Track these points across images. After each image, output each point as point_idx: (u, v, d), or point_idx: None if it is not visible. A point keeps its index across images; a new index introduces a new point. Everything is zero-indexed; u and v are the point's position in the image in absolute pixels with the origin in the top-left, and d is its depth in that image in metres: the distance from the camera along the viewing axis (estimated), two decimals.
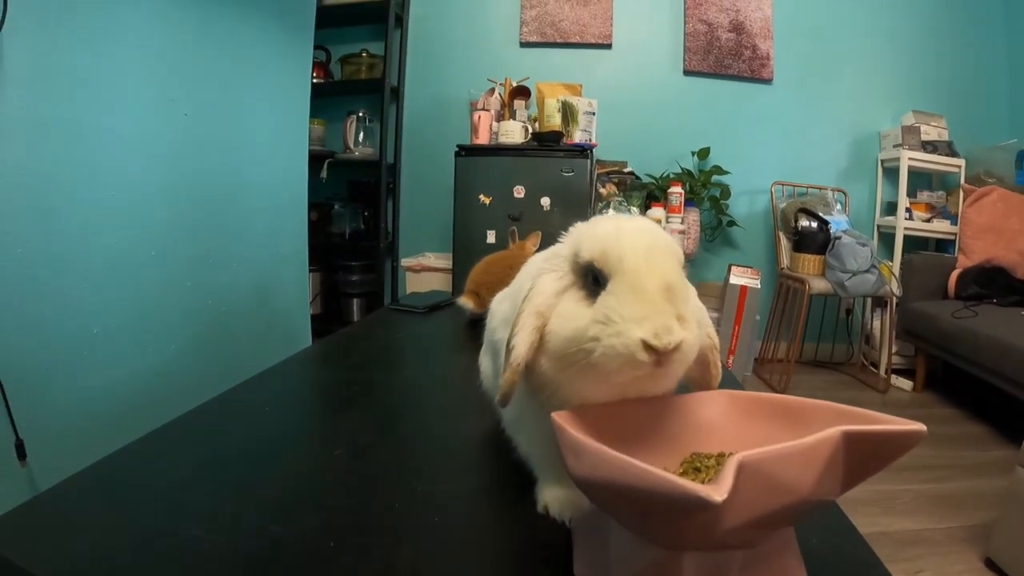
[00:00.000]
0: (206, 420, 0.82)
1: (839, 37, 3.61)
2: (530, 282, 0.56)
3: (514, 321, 0.54)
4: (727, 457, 0.39)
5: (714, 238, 3.58)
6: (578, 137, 3.12)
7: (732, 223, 3.50)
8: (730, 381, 0.89)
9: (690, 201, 3.29)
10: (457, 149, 3.00)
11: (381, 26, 3.46)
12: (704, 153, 3.50)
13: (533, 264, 0.65)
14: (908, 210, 3.37)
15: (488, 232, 2.95)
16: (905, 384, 3.15)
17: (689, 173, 3.42)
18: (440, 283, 3.21)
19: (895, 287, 3.08)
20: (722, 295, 3.11)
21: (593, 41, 3.60)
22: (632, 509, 0.39)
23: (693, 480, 0.44)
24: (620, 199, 3.19)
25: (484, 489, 0.67)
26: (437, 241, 3.67)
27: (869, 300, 3.42)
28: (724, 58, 3.57)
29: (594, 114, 3.19)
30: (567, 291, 0.53)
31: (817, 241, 3.12)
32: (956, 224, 3.24)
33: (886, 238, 3.53)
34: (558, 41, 3.62)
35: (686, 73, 3.62)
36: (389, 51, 3.41)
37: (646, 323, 0.46)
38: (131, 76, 1.44)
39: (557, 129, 3.04)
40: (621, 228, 0.51)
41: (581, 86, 3.34)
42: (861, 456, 0.39)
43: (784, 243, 3.39)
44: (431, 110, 3.71)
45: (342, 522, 0.57)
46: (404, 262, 3.40)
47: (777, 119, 3.63)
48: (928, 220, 3.38)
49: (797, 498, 0.37)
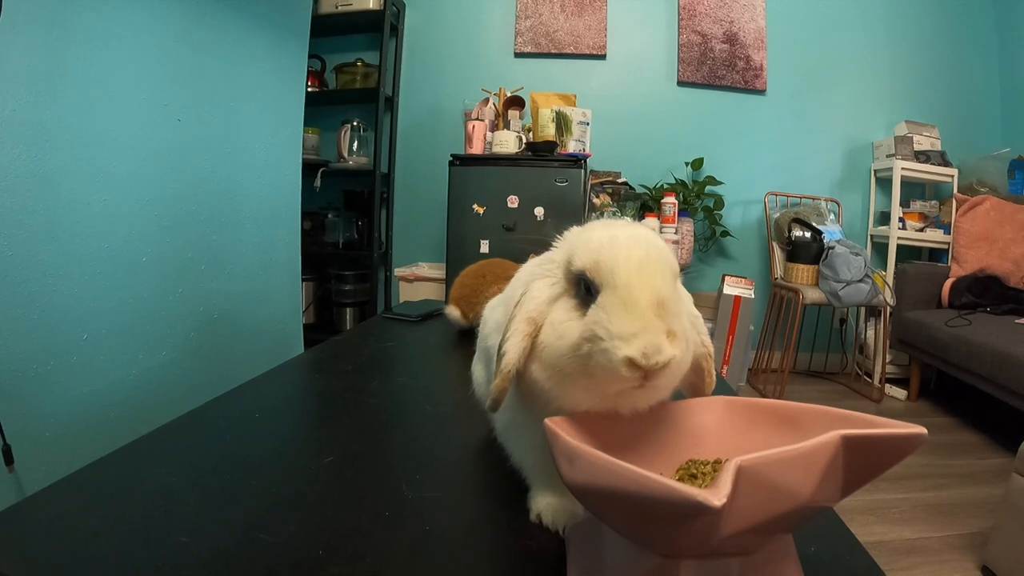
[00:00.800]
0: (196, 426, 0.81)
1: (832, 48, 3.64)
2: (523, 288, 0.56)
3: (506, 327, 0.53)
4: (723, 463, 0.38)
5: (708, 248, 3.59)
6: (572, 147, 3.12)
7: (726, 233, 3.51)
8: (724, 391, 0.89)
9: (684, 211, 3.29)
10: (451, 159, 3.00)
11: (376, 36, 3.46)
12: (698, 164, 3.51)
13: (526, 270, 0.64)
14: (901, 220, 3.38)
15: (482, 242, 2.94)
16: (899, 393, 3.16)
17: (683, 183, 3.43)
18: (433, 293, 3.20)
19: (889, 296, 3.09)
20: (716, 305, 3.10)
21: (587, 52, 3.61)
22: (628, 515, 0.39)
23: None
24: (614, 209, 3.20)
25: (476, 498, 0.66)
26: (430, 251, 3.67)
27: (863, 310, 3.43)
28: (718, 69, 3.59)
29: (588, 124, 3.19)
30: (559, 298, 0.53)
31: (811, 251, 3.13)
32: (949, 233, 3.25)
33: (879, 248, 3.54)
34: (552, 52, 3.63)
35: (680, 84, 3.64)
36: (384, 61, 3.42)
37: (635, 341, 0.45)
38: (125, 80, 1.43)
39: (551, 139, 3.05)
40: (615, 238, 0.50)
41: (575, 96, 3.35)
42: (860, 460, 0.39)
43: (778, 253, 3.40)
44: (425, 120, 3.71)
45: (332, 529, 0.56)
46: (397, 271, 3.39)
47: (771, 130, 3.64)
48: (921, 230, 3.39)
49: (796, 503, 0.37)
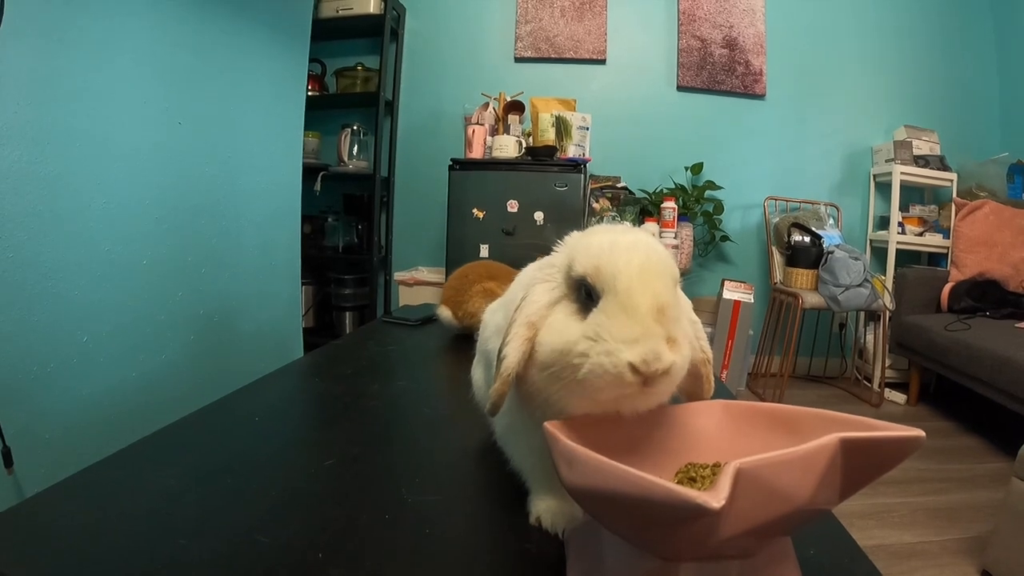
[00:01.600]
0: (195, 429, 0.81)
1: (832, 53, 3.65)
2: (523, 291, 0.56)
3: (505, 331, 0.53)
4: (722, 467, 0.39)
5: (707, 253, 3.59)
6: (572, 152, 3.12)
7: (725, 238, 3.51)
8: (724, 395, 0.89)
9: (683, 216, 3.29)
10: (451, 163, 3.00)
11: (377, 40, 3.47)
12: (697, 168, 3.52)
13: (526, 273, 0.65)
14: (900, 224, 3.38)
15: (482, 246, 2.94)
16: (899, 397, 3.16)
17: (682, 188, 3.43)
18: (433, 297, 3.20)
19: (888, 301, 3.09)
20: (715, 310, 3.11)
21: (587, 57, 3.62)
22: (627, 518, 0.39)
23: None
24: (614, 214, 3.20)
25: (476, 501, 0.66)
26: (430, 255, 3.67)
27: (862, 314, 3.43)
28: (717, 74, 3.60)
29: (588, 129, 3.20)
30: (559, 303, 0.53)
31: (810, 255, 3.13)
32: (948, 238, 3.26)
33: (879, 252, 3.54)
34: (552, 56, 3.64)
35: (679, 89, 3.65)
36: (384, 65, 3.43)
37: (636, 346, 0.46)
38: (126, 84, 1.44)
39: (551, 144, 3.05)
40: (615, 243, 0.50)
41: (575, 101, 3.35)
42: (859, 463, 0.39)
43: (777, 258, 3.40)
44: (426, 124, 3.72)
45: (331, 532, 0.56)
46: (397, 276, 3.39)
47: (770, 134, 3.65)
48: (920, 234, 3.40)
49: (795, 506, 0.37)
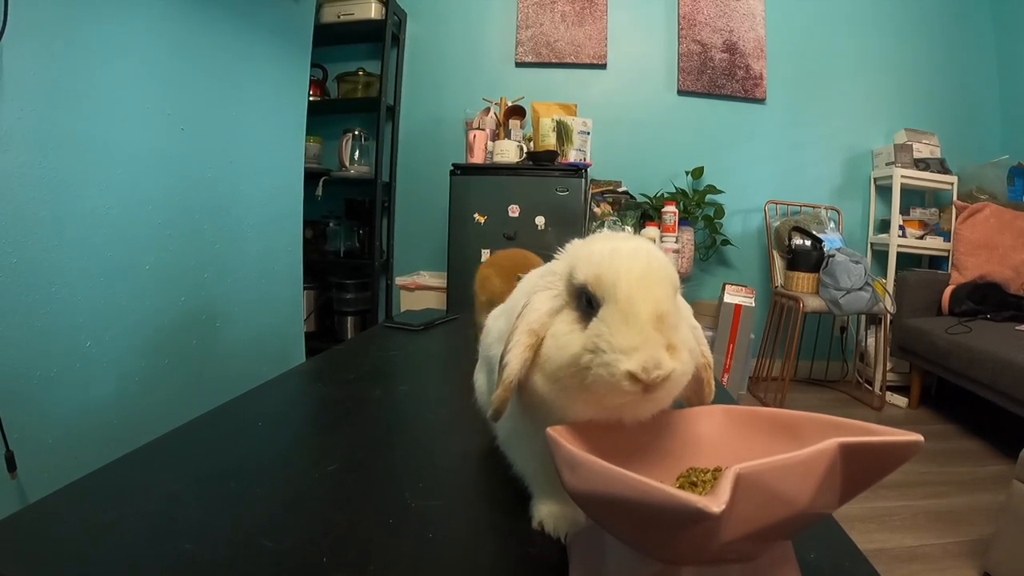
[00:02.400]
0: (197, 434, 0.82)
1: (832, 57, 3.66)
2: (525, 299, 0.57)
3: (508, 338, 0.54)
4: (723, 471, 0.39)
5: (708, 257, 3.59)
6: (573, 156, 3.13)
7: (726, 242, 3.51)
8: (725, 399, 0.89)
9: (684, 220, 3.30)
10: (452, 168, 3.01)
11: (378, 45, 3.48)
12: (698, 172, 3.52)
13: (528, 281, 0.65)
14: (901, 227, 3.39)
15: (483, 251, 2.94)
16: (900, 401, 3.15)
17: (683, 192, 3.44)
18: (434, 302, 3.20)
19: (889, 304, 3.09)
20: (716, 314, 3.11)
21: (588, 61, 3.63)
22: (629, 522, 0.39)
23: None
24: (615, 218, 3.21)
25: (478, 505, 0.66)
26: (432, 260, 3.67)
27: (863, 317, 3.43)
28: (718, 78, 3.61)
29: (589, 133, 3.20)
30: (561, 311, 0.53)
31: (811, 259, 3.14)
32: (949, 241, 3.26)
33: (879, 256, 3.55)
34: (553, 61, 3.65)
35: (680, 93, 3.66)
36: (385, 70, 3.43)
37: (636, 355, 0.46)
38: (128, 89, 1.45)
39: (552, 148, 3.06)
40: (616, 251, 0.51)
41: (576, 106, 3.36)
42: (858, 468, 0.39)
43: (778, 261, 3.41)
44: (427, 129, 3.73)
45: (334, 536, 0.56)
46: (399, 280, 3.40)
47: (770, 138, 3.66)
48: (921, 237, 3.40)
49: (795, 510, 0.37)
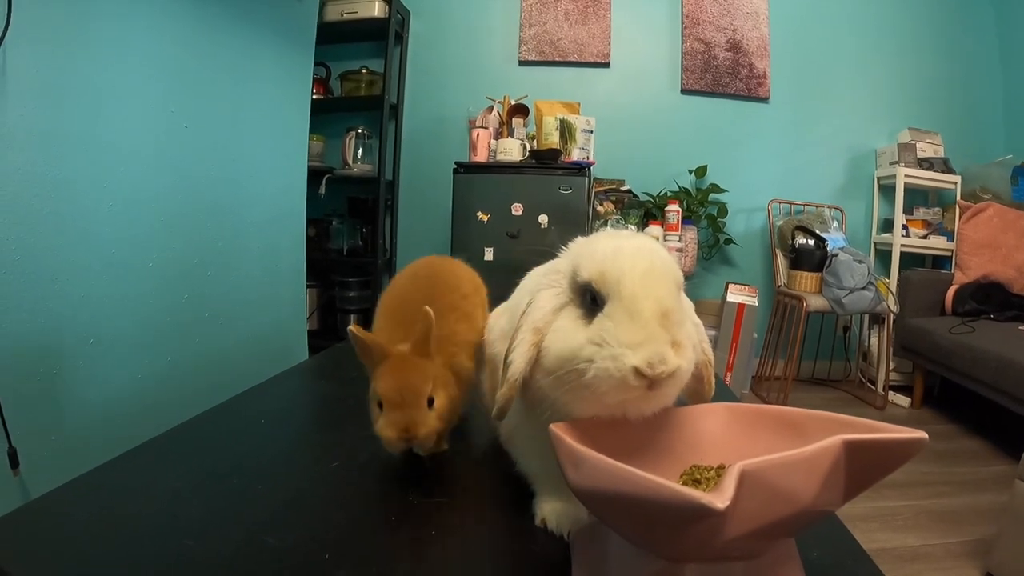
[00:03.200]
0: (200, 431, 0.82)
1: (835, 56, 3.65)
2: (528, 297, 0.57)
3: (512, 336, 0.54)
4: (727, 468, 0.39)
5: (711, 256, 3.59)
6: (576, 155, 3.13)
7: (729, 241, 3.51)
8: (728, 398, 0.89)
9: (687, 219, 3.30)
10: (455, 166, 3.01)
11: (381, 43, 3.48)
12: (701, 171, 3.52)
13: (532, 279, 0.65)
14: (904, 227, 3.38)
15: (486, 249, 2.94)
16: (903, 400, 3.15)
17: (686, 191, 3.43)
18: None
19: (892, 303, 3.09)
20: (719, 313, 3.10)
21: (591, 60, 3.63)
22: (632, 519, 0.39)
23: None
24: (618, 217, 3.20)
25: (482, 503, 0.66)
26: None
27: (866, 317, 3.42)
28: (721, 77, 3.60)
29: (592, 132, 3.20)
30: (565, 308, 0.53)
31: (814, 258, 3.13)
32: (952, 240, 3.25)
33: (883, 255, 3.54)
34: (556, 60, 3.65)
35: (683, 92, 3.65)
36: (389, 68, 3.44)
37: (640, 350, 0.46)
38: (132, 87, 1.45)
39: (555, 147, 3.06)
40: (620, 249, 0.51)
41: (579, 104, 3.36)
42: (862, 465, 0.39)
43: (781, 261, 3.40)
44: (430, 127, 3.73)
45: (338, 534, 0.57)
46: None
47: (774, 137, 3.65)
48: (924, 237, 3.40)
49: (799, 507, 0.37)
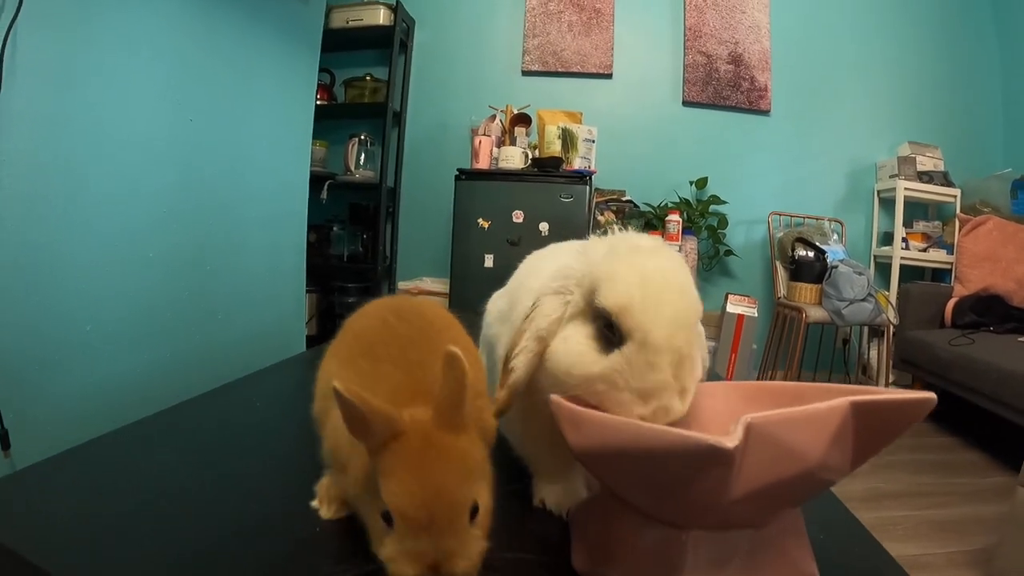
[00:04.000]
0: (195, 412, 0.82)
1: (836, 69, 3.68)
2: (533, 297, 0.55)
3: (514, 339, 0.53)
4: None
5: (711, 267, 3.59)
6: (577, 164, 3.14)
7: (729, 252, 3.51)
8: None
9: (688, 230, 3.30)
10: (457, 173, 3.02)
11: (386, 51, 3.50)
12: (702, 183, 3.53)
13: (537, 276, 0.62)
14: (904, 240, 3.39)
15: (486, 256, 2.95)
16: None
17: (687, 202, 3.44)
18: None
19: (892, 315, 3.08)
20: (719, 324, 3.10)
21: (594, 71, 3.65)
22: (638, 476, 0.39)
23: None
24: (619, 227, 3.20)
25: None
26: (434, 266, 3.67)
27: (866, 330, 3.42)
28: (723, 89, 3.62)
29: (594, 141, 3.22)
30: (574, 320, 0.51)
31: (814, 270, 3.13)
32: (952, 253, 3.25)
33: (883, 268, 3.54)
34: (559, 70, 3.67)
35: (685, 104, 3.67)
36: (393, 76, 3.46)
37: (651, 401, 0.46)
38: (140, 78, 1.46)
39: (557, 155, 3.07)
40: (646, 282, 0.48)
41: (581, 114, 3.38)
42: (870, 427, 0.39)
43: (781, 272, 3.40)
44: (432, 136, 3.74)
45: None
46: (401, 285, 3.40)
47: (774, 150, 3.67)
48: (924, 250, 3.40)
49: (806, 466, 0.37)
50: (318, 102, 2.76)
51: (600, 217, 3.28)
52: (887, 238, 3.55)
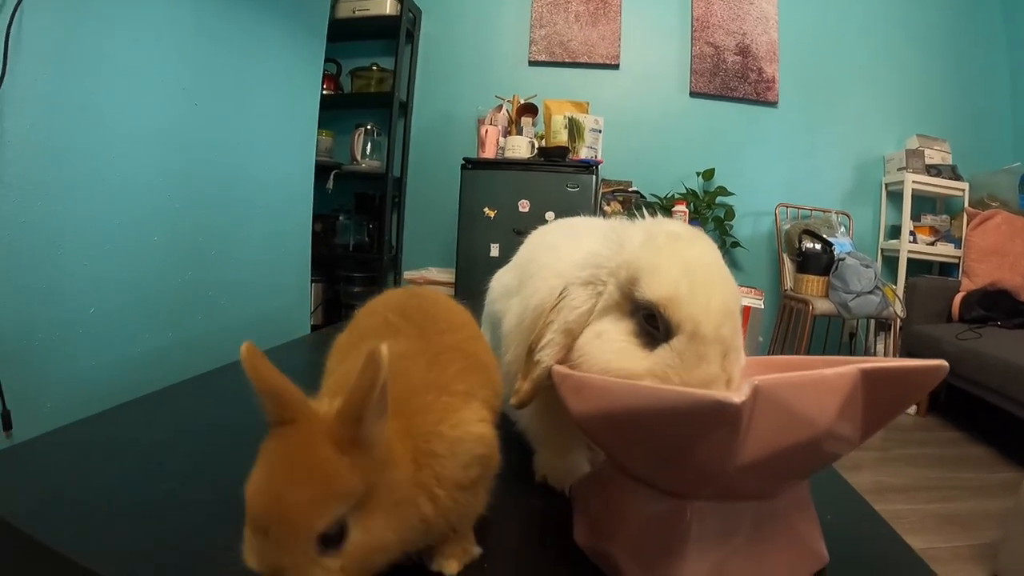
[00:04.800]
0: (194, 390, 0.82)
1: (844, 61, 3.65)
2: (552, 277, 0.54)
3: (539, 331, 0.51)
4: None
5: None
6: (584, 154, 3.12)
7: (736, 244, 3.50)
8: None
9: (694, 221, 3.29)
10: (463, 161, 3.01)
11: (392, 41, 3.49)
12: (709, 174, 3.51)
13: (554, 253, 0.59)
14: (912, 233, 3.37)
15: (492, 246, 2.94)
16: (909, 408, 3.12)
17: (694, 193, 3.43)
18: None
19: (899, 308, 3.07)
20: None
21: (601, 61, 3.63)
22: (641, 440, 0.38)
23: None
24: (625, 218, 3.19)
25: None
26: (440, 256, 3.66)
27: (872, 324, 3.40)
28: (730, 80, 3.60)
29: (600, 131, 3.20)
30: (608, 314, 0.49)
31: (821, 262, 3.12)
32: (960, 247, 3.24)
33: (890, 261, 3.52)
34: (566, 60, 3.65)
35: (692, 95, 3.65)
36: (399, 66, 3.44)
37: None
38: (146, 62, 1.45)
39: (563, 145, 3.05)
40: (691, 271, 0.46)
41: (588, 103, 3.36)
42: (880, 396, 0.38)
43: (788, 264, 3.39)
44: (439, 126, 3.74)
45: None
46: (407, 275, 3.40)
47: (782, 141, 3.65)
48: (932, 243, 3.38)
49: (813, 433, 0.36)
50: (324, 92, 2.76)
51: (606, 207, 3.27)
52: (894, 231, 3.53)
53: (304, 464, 0.33)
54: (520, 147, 3.04)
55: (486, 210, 2.94)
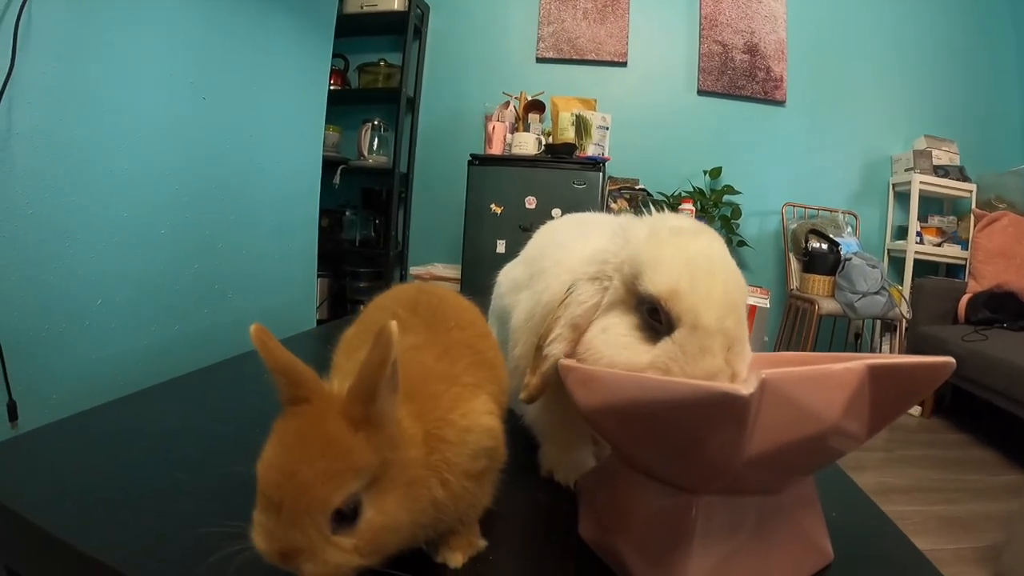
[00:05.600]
0: (201, 382, 0.82)
1: (852, 61, 3.63)
2: (563, 272, 0.54)
3: (548, 326, 0.51)
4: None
5: None
6: (591, 151, 3.12)
7: (742, 243, 3.49)
8: None
9: (701, 219, 3.25)
10: (470, 158, 3.02)
11: (400, 37, 3.49)
12: (716, 172, 3.50)
13: (564, 249, 0.59)
14: (919, 234, 3.35)
15: (498, 242, 2.94)
16: (914, 409, 3.11)
17: (700, 192, 3.42)
18: None
19: (905, 309, 3.06)
20: None
21: (608, 59, 3.63)
22: (648, 433, 0.38)
23: None
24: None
25: None
26: (446, 252, 3.67)
27: (878, 324, 3.39)
28: (738, 79, 3.59)
29: (608, 129, 3.20)
30: (614, 308, 0.50)
31: (827, 262, 3.11)
32: (967, 249, 3.22)
33: (896, 262, 3.51)
34: (574, 58, 3.64)
35: (700, 93, 3.64)
36: (407, 62, 3.45)
37: None
38: (154, 56, 1.46)
39: (570, 142, 3.05)
40: (692, 264, 0.46)
41: (595, 100, 3.36)
42: (887, 392, 0.38)
43: (794, 264, 3.38)
44: (446, 122, 3.74)
45: None
46: (413, 271, 3.40)
47: (789, 141, 3.63)
48: (939, 244, 3.37)
49: (820, 428, 0.36)
50: (332, 87, 2.76)
51: (613, 205, 3.27)
52: (901, 232, 3.52)
53: (319, 440, 0.33)
54: (527, 144, 3.05)
55: (493, 206, 2.94)
